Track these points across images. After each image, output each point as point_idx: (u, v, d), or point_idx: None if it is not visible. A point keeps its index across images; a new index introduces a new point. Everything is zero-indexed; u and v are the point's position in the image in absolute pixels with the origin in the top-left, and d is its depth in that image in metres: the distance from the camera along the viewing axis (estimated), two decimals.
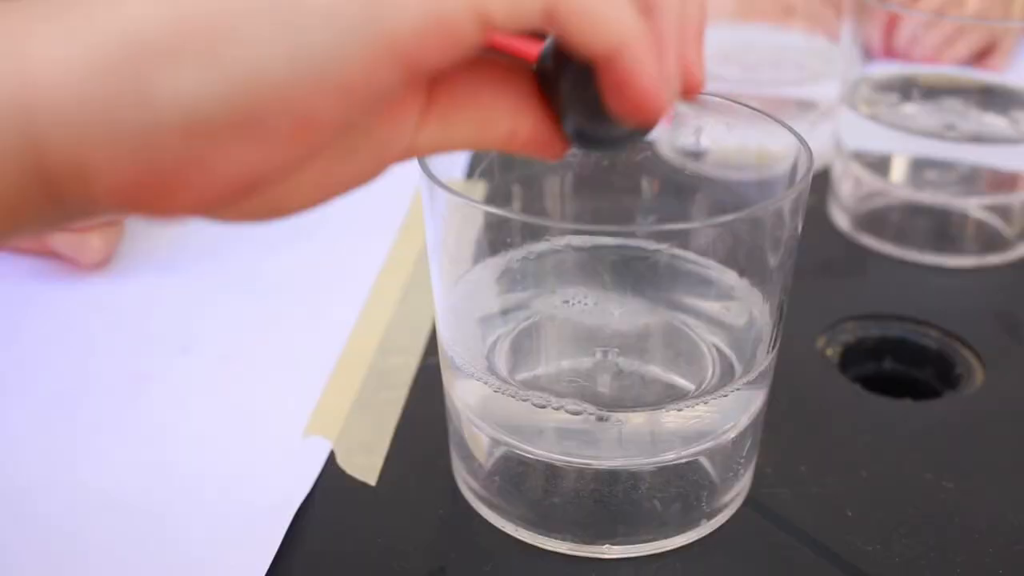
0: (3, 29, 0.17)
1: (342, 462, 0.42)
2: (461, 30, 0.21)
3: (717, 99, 0.39)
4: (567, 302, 0.38)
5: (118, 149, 0.18)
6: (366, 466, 0.42)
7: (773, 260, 0.35)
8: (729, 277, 0.37)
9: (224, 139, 0.19)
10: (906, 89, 0.61)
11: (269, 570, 0.36)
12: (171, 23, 0.18)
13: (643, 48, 0.24)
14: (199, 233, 0.58)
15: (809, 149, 0.35)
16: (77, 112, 0.17)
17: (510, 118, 0.27)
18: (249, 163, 0.19)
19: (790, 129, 0.36)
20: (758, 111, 0.38)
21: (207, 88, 0.18)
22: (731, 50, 0.71)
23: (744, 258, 0.36)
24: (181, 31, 0.18)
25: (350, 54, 0.20)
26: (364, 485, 0.41)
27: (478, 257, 0.37)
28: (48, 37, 0.17)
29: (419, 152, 0.27)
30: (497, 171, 0.41)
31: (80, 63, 0.17)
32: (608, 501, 0.37)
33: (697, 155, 0.43)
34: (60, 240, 0.52)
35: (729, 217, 0.32)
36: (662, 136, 0.48)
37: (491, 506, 0.39)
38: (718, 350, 0.38)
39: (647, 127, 0.27)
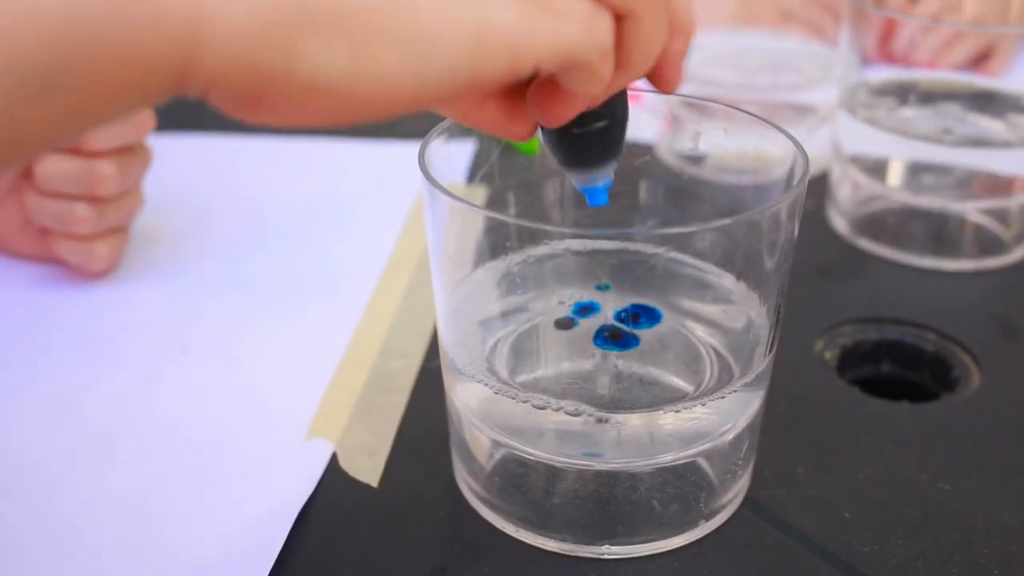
0: None
1: (344, 464, 0.42)
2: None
3: (715, 104, 0.39)
4: (563, 303, 0.38)
5: (249, 80, 0.22)
6: (368, 467, 0.42)
7: (770, 263, 0.35)
8: (727, 280, 0.37)
9: (333, 99, 0.23)
10: (903, 94, 0.61)
11: (272, 570, 0.36)
12: (332, 3, 0.22)
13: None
14: (203, 238, 0.59)
15: (805, 154, 0.35)
16: (232, 51, 0.22)
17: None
18: (337, 114, 0.24)
19: (787, 134, 0.36)
20: (755, 116, 0.38)
21: (341, 68, 0.23)
22: (730, 55, 0.72)
23: (741, 261, 0.36)
24: (340, 13, 0.22)
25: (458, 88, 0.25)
26: (366, 486, 0.41)
27: (479, 261, 0.38)
28: None
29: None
30: (498, 175, 0.41)
31: (248, 20, 0.21)
32: (607, 502, 0.37)
33: (696, 160, 0.43)
34: (67, 248, 0.53)
35: (726, 221, 0.33)
36: (661, 141, 0.48)
37: (492, 507, 0.39)
38: (716, 352, 0.39)
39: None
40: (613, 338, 0.37)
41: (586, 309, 0.38)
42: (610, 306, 0.38)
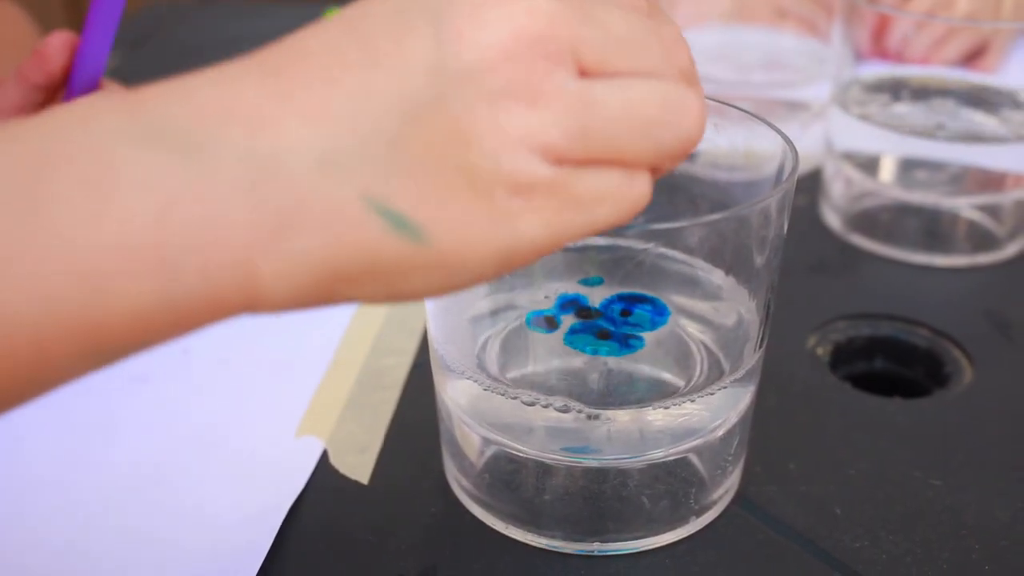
0: (235, 244, 0.23)
1: (335, 461, 0.42)
2: None
3: (706, 100, 0.39)
4: (548, 297, 0.38)
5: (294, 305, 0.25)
6: (358, 465, 0.42)
7: (760, 259, 0.35)
8: (716, 276, 0.37)
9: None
10: (896, 90, 0.61)
11: (262, 567, 0.36)
12: (365, 263, 0.24)
13: None
14: None
15: (795, 149, 0.35)
16: (281, 300, 0.24)
17: None
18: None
19: (777, 130, 0.36)
20: (746, 112, 0.38)
21: (375, 296, 0.25)
22: (723, 51, 0.72)
23: (731, 257, 0.36)
24: (374, 268, 0.24)
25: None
26: (357, 484, 0.41)
27: None
28: (275, 263, 0.24)
29: None
30: None
31: (294, 285, 0.24)
32: (598, 498, 0.37)
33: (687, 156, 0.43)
34: None
35: (715, 216, 0.32)
36: None
37: (482, 504, 0.39)
38: (706, 348, 0.39)
39: None
40: (602, 336, 0.37)
41: (570, 303, 0.38)
42: (597, 301, 0.38)
